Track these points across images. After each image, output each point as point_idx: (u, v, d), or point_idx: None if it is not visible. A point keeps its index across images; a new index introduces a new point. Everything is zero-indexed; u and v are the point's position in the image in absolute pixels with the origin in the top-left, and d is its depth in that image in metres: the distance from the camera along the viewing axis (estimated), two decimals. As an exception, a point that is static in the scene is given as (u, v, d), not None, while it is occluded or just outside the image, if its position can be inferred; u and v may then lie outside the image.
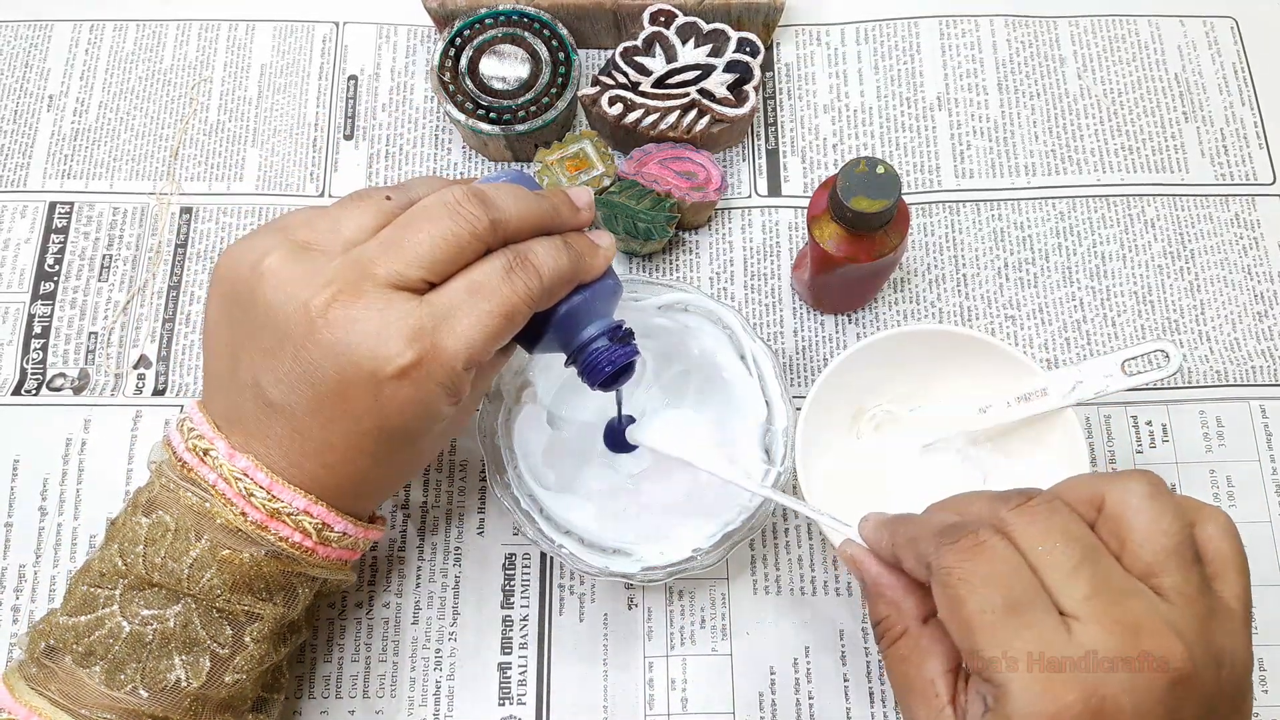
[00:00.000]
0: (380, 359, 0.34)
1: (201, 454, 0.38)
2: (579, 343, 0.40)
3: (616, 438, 0.49)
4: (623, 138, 0.56)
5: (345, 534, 0.39)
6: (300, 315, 0.35)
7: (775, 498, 0.42)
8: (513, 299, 0.36)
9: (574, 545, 0.45)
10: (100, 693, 0.36)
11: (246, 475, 0.37)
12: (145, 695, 0.37)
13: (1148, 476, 0.31)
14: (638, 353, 0.42)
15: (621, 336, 0.41)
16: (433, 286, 0.36)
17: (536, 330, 0.40)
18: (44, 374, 0.53)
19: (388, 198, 0.38)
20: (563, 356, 0.42)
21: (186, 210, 0.56)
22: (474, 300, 0.35)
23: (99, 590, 0.38)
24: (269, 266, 0.35)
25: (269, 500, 0.37)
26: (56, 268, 0.55)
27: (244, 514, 0.37)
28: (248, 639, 0.38)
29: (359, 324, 0.34)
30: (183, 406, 0.52)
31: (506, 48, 0.54)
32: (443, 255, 0.36)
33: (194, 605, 0.37)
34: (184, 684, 0.37)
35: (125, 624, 0.37)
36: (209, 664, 0.38)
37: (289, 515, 0.37)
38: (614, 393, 0.45)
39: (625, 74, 0.54)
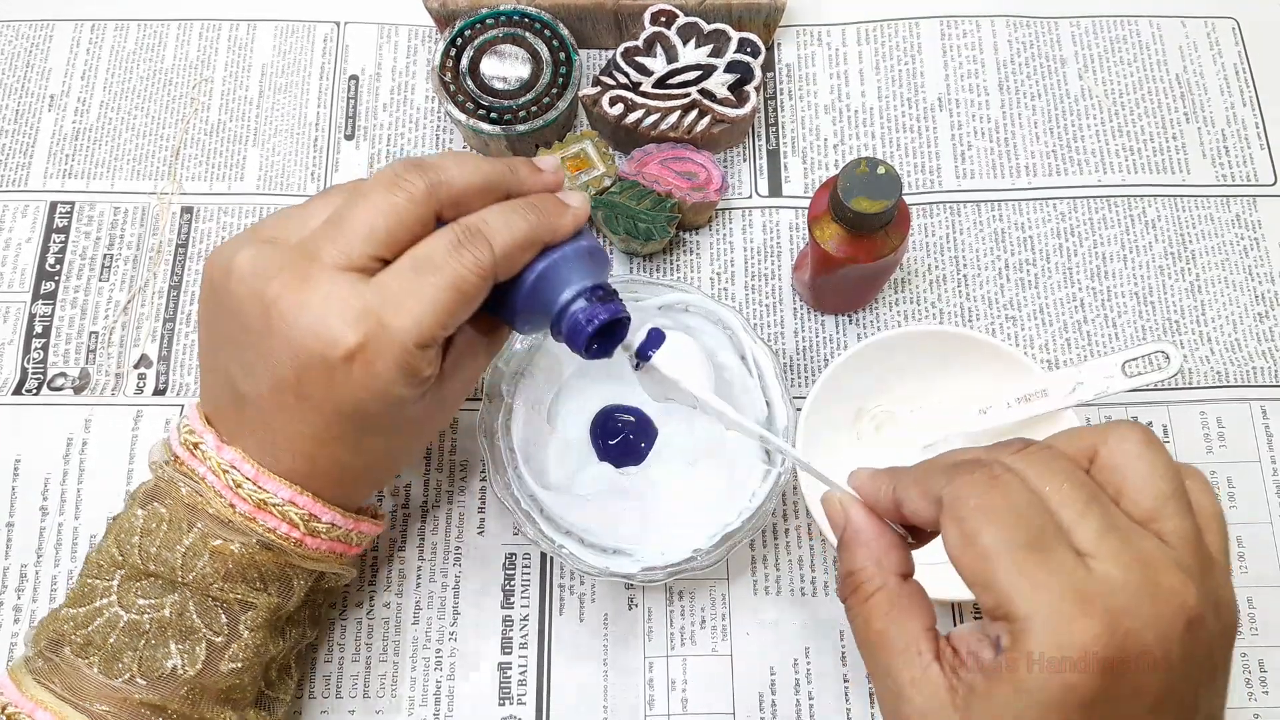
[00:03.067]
0: (326, 343, 0.34)
1: (192, 447, 0.38)
2: (557, 308, 0.38)
3: (613, 452, 0.49)
4: (623, 138, 0.55)
5: (334, 525, 0.40)
6: (258, 307, 0.35)
7: (775, 442, 0.41)
8: (461, 272, 0.35)
9: (574, 545, 0.45)
10: (100, 683, 0.37)
11: (234, 467, 0.37)
12: (143, 683, 0.37)
13: (1140, 427, 0.31)
14: (623, 310, 0.39)
15: (602, 296, 0.38)
16: (387, 264, 0.36)
17: (511, 303, 0.38)
18: (45, 373, 0.53)
19: None
20: (565, 349, 0.40)
21: (187, 210, 0.56)
22: (421, 276, 0.35)
23: (97, 581, 0.38)
24: (236, 263, 0.36)
25: (256, 491, 0.37)
26: (57, 267, 0.55)
27: (232, 505, 0.37)
28: (243, 628, 0.39)
29: (306, 310, 0.34)
30: (183, 406, 0.52)
31: (507, 48, 0.54)
32: (384, 229, 0.35)
33: (189, 594, 0.38)
34: (180, 671, 0.37)
35: (122, 613, 0.37)
36: (205, 652, 0.38)
37: (275, 506, 0.38)
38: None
39: (626, 74, 0.54)
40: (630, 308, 0.47)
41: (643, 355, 0.41)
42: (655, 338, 0.41)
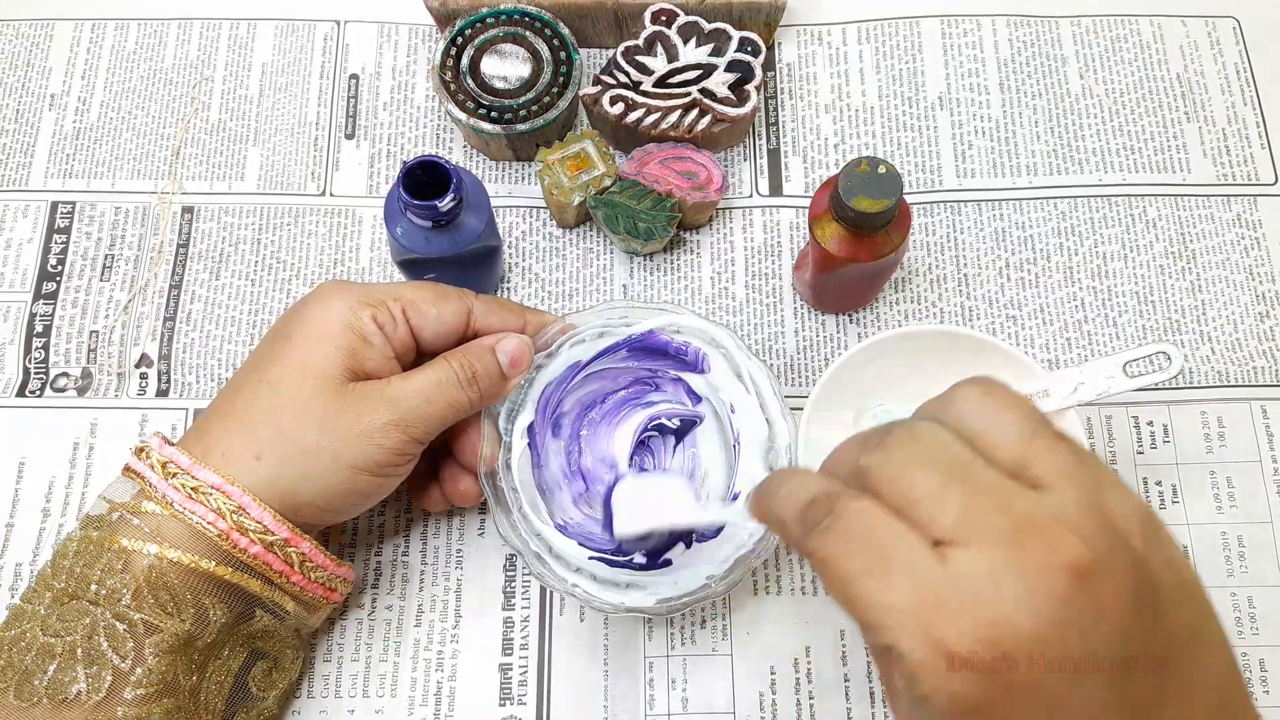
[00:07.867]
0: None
1: (138, 452, 0.41)
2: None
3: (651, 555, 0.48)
4: (624, 137, 0.55)
5: (266, 529, 0.39)
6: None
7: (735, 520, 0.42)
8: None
9: (587, 583, 0.44)
10: (13, 706, 0.37)
11: (173, 460, 0.40)
12: (47, 706, 0.37)
13: (975, 383, 0.29)
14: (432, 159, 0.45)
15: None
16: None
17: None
18: (47, 373, 0.53)
19: None
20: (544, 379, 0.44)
21: (188, 210, 0.56)
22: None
23: (26, 605, 0.39)
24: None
25: (189, 480, 0.39)
26: (59, 268, 0.55)
27: (166, 497, 0.39)
28: (148, 652, 0.38)
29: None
30: (189, 412, 0.52)
31: (508, 47, 0.54)
32: None
33: (100, 616, 0.38)
34: (85, 696, 0.37)
35: (41, 635, 0.38)
36: (110, 677, 0.37)
37: (205, 495, 0.39)
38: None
39: (626, 73, 0.54)
40: (622, 333, 0.47)
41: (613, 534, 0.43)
42: (607, 504, 0.44)
